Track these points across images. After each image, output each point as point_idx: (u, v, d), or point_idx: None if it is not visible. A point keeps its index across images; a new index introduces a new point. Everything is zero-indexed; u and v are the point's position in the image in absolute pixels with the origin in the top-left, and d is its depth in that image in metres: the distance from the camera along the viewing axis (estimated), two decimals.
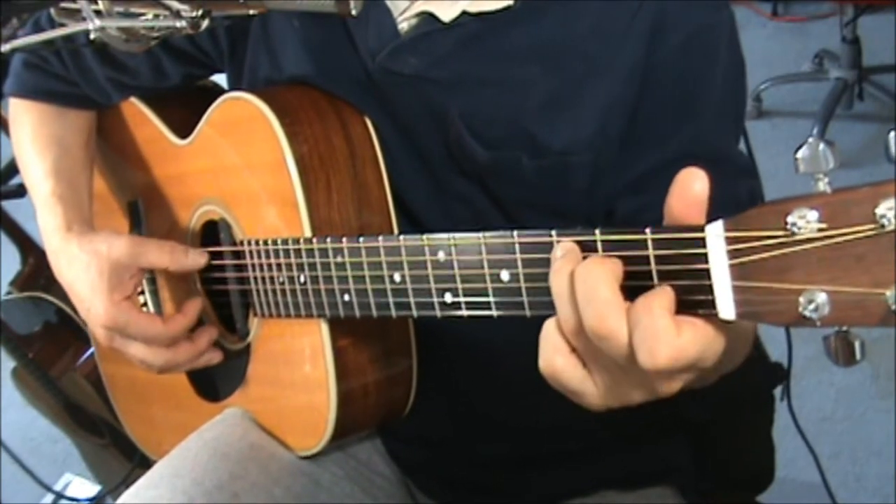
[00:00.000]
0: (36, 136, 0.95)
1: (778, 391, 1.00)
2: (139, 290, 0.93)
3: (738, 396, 0.85)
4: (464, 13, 0.74)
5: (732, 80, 0.77)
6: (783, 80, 2.63)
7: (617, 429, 0.87)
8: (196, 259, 0.86)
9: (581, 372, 0.53)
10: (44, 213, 0.92)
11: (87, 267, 0.86)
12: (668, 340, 0.48)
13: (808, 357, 0.75)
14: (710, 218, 0.50)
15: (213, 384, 0.94)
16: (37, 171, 0.93)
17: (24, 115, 0.97)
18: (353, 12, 0.51)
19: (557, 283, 0.52)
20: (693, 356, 0.49)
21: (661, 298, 0.49)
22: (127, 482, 1.24)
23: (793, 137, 2.46)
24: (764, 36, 2.96)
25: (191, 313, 0.87)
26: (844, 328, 0.46)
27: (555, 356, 0.53)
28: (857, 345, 0.46)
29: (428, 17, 0.76)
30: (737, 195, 0.75)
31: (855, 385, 1.79)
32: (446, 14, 0.75)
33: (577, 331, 0.52)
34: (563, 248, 0.54)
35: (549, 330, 0.54)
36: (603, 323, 0.49)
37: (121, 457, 1.50)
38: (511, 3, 0.73)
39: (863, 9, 2.41)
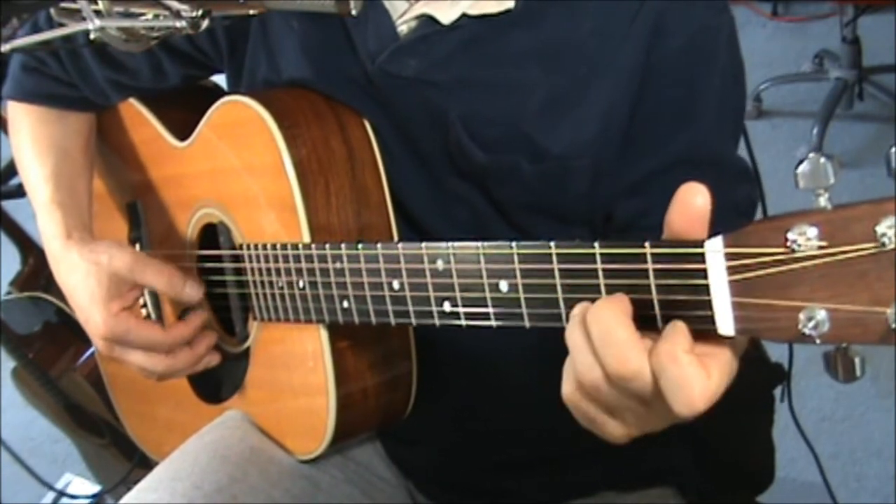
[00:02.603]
0: (35, 139, 0.95)
1: (778, 391, 1.00)
2: (140, 301, 0.93)
3: (739, 397, 0.85)
4: (464, 15, 0.74)
5: (732, 84, 0.77)
6: (783, 80, 2.63)
7: None
8: (192, 292, 0.86)
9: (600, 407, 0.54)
10: (44, 219, 0.92)
11: (86, 276, 0.86)
12: (703, 386, 0.48)
13: (808, 357, 0.75)
14: (709, 227, 0.50)
15: (213, 386, 0.94)
16: (36, 176, 0.93)
17: (23, 118, 0.96)
18: (354, 12, 0.51)
19: (572, 335, 0.52)
20: (720, 392, 0.49)
21: (682, 342, 0.49)
22: (126, 482, 1.24)
23: (793, 137, 2.46)
24: (764, 36, 2.96)
25: (194, 324, 0.88)
26: (844, 345, 0.46)
27: (575, 389, 0.53)
28: (857, 361, 0.46)
29: (427, 20, 0.75)
30: (734, 200, 0.75)
31: (855, 385, 1.77)
32: (446, 16, 0.74)
33: (597, 385, 0.51)
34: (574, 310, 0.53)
35: (570, 364, 0.54)
36: (625, 365, 0.49)
37: (121, 457, 1.50)
38: (511, 5, 0.73)
39: (863, 9, 2.40)
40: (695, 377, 0.48)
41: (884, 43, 2.54)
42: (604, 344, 0.50)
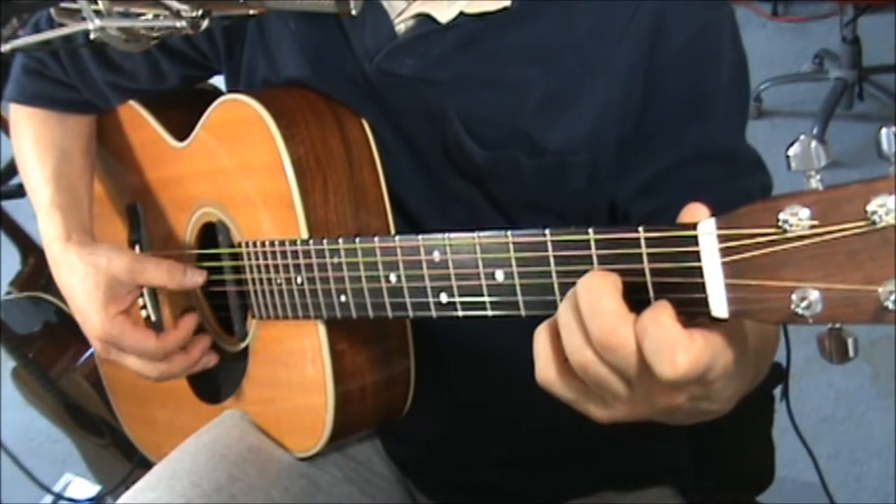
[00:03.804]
0: (36, 142, 0.95)
1: (777, 391, 0.99)
2: (139, 302, 0.93)
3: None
4: (461, 14, 0.74)
5: (737, 77, 0.77)
6: (783, 80, 2.63)
7: (616, 428, 0.87)
8: (194, 278, 0.87)
9: (579, 386, 0.53)
10: (44, 221, 0.92)
11: (84, 278, 0.87)
12: (686, 346, 0.47)
13: (807, 357, 0.75)
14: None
15: (213, 386, 0.95)
16: (37, 178, 0.94)
17: (25, 120, 0.97)
18: (353, 12, 0.51)
19: (563, 312, 0.52)
20: (706, 363, 0.49)
21: (666, 310, 0.48)
22: (127, 482, 1.24)
23: (793, 137, 2.45)
24: (764, 36, 2.96)
25: (185, 329, 0.88)
26: (838, 326, 0.46)
27: (549, 370, 0.53)
28: (850, 342, 0.46)
29: (425, 19, 0.76)
30: (749, 191, 0.75)
31: (855, 385, 1.79)
32: (443, 15, 0.75)
33: (584, 362, 0.51)
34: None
35: (543, 342, 0.53)
36: (612, 334, 0.49)
37: (121, 457, 1.50)
38: (508, 3, 0.73)
39: (863, 9, 2.40)
40: (678, 337, 0.47)
41: (884, 43, 2.54)
42: (592, 313, 0.50)
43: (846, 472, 1.63)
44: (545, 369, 0.53)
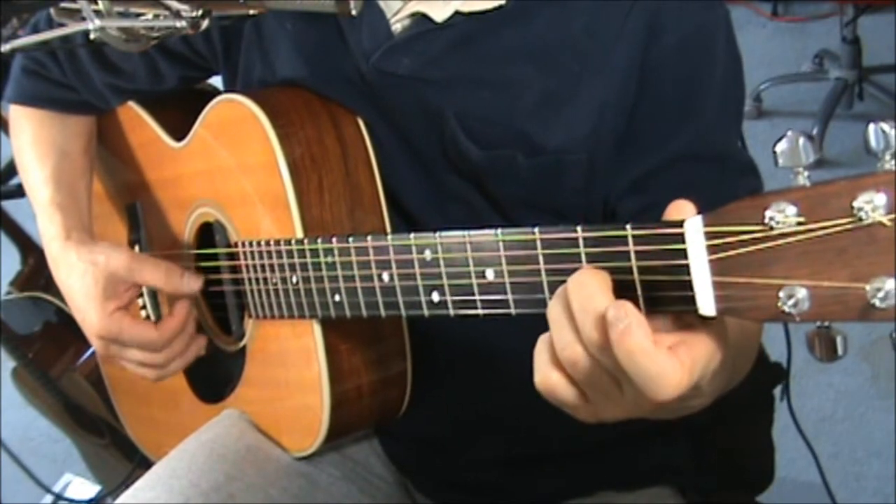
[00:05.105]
0: (36, 142, 0.96)
1: (778, 391, 0.99)
2: (139, 300, 0.94)
3: (738, 396, 0.85)
4: (456, 13, 0.74)
5: (731, 78, 0.77)
6: (783, 80, 2.63)
7: (616, 428, 0.87)
8: (190, 283, 0.87)
9: (577, 388, 0.53)
10: (43, 221, 0.92)
11: (83, 275, 0.87)
12: (677, 370, 0.47)
13: (807, 358, 0.75)
14: None
15: (211, 386, 0.95)
16: (36, 178, 0.94)
17: (25, 121, 0.97)
18: (353, 12, 0.51)
19: (553, 309, 0.52)
20: (697, 378, 0.49)
21: (646, 333, 0.47)
22: (127, 483, 1.24)
23: None
24: (764, 36, 2.96)
25: (180, 315, 0.88)
26: (826, 324, 0.46)
27: (550, 373, 0.53)
28: (839, 340, 0.46)
29: (421, 18, 0.76)
30: (738, 194, 0.75)
31: (855, 385, 1.79)
32: (439, 14, 0.75)
33: (574, 360, 0.51)
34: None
35: (542, 347, 0.53)
36: (604, 334, 0.49)
37: (121, 457, 1.51)
38: (503, 2, 0.74)
39: (863, 9, 2.40)
40: (671, 367, 0.47)
41: (884, 43, 2.54)
42: (584, 312, 0.49)
43: (846, 472, 1.63)
44: (545, 373, 0.53)
